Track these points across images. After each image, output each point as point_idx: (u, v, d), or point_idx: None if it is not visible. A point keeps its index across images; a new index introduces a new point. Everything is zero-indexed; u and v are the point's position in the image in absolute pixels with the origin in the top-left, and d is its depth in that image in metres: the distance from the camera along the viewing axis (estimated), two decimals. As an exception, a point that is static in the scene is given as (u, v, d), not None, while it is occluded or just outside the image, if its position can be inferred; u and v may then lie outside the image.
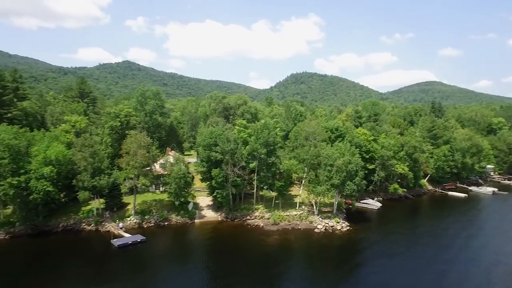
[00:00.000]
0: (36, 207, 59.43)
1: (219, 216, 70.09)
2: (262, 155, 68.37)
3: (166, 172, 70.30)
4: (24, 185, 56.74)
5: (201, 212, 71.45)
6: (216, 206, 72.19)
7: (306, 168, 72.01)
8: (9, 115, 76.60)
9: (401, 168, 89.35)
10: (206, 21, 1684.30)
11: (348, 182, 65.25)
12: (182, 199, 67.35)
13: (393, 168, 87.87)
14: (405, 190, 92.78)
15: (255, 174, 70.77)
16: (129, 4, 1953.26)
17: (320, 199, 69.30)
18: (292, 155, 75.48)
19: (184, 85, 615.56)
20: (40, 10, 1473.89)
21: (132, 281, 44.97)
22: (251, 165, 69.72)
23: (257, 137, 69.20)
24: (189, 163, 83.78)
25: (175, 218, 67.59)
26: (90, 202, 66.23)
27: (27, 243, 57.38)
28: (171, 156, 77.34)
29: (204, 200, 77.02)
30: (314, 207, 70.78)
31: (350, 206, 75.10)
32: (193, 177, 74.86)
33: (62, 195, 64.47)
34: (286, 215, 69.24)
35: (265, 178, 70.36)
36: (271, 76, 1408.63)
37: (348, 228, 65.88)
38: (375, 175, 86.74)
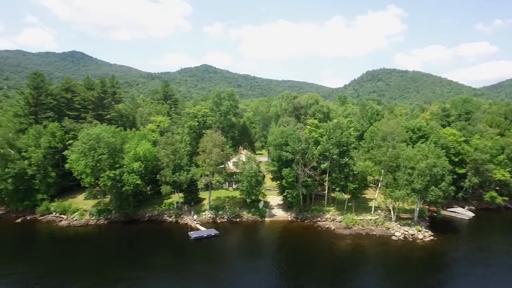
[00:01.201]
0: (127, 197, 67.41)
1: (289, 216, 69.88)
2: (334, 156, 66.01)
3: (238, 170, 72.74)
4: (118, 177, 64.71)
5: (272, 211, 72.16)
6: (286, 206, 72.15)
7: (383, 170, 67.24)
8: (108, 116, 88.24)
9: (501, 174, 77.14)
10: (279, 22, 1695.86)
11: (432, 187, 58.80)
12: (253, 197, 68.96)
13: (489, 174, 76.36)
14: (506, 199, 79.89)
15: (327, 175, 68.69)
16: (208, 11, 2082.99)
17: (399, 204, 63.96)
18: (367, 156, 71.21)
19: (257, 85, 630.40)
20: (133, 24, 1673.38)
21: (206, 270, 47.74)
22: (323, 166, 67.86)
23: (329, 137, 67.05)
24: (260, 162, 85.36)
25: (246, 215, 69.56)
26: (171, 196, 72.20)
27: (121, 228, 65.38)
28: (243, 155, 79.76)
29: (274, 199, 77.67)
30: (392, 212, 65.64)
31: (435, 214, 67.70)
32: (264, 176, 76.02)
33: (148, 188, 71.86)
34: (360, 219, 65.64)
35: (337, 179, 67.78)
36: (345, 74, 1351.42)
37: (431, 238, 59.42)
38: (466, 180, 76.55)
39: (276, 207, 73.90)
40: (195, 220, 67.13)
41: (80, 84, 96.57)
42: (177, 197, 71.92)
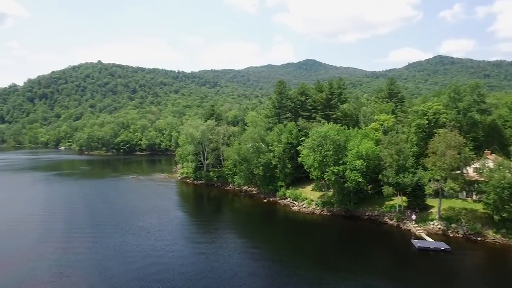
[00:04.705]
0: (349, 194, 70.16)
1: None
2: None
3: (482, 179, 59.15)
4: (341, 173, 68.36)
5: (535, 238, 53.69)
6: None
7: None
8: (333, 116, 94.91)
9: None
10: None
11: None
12: (505, 215, 53.87)
13: None
14: None
15: None
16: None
17: None
18: None
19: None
20: (359, 25, 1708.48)
21: (432, 289, 42.06)
22: None
23: None
24: (517, 171, 65.31)
25: (492, 236, 55.45)
26: (393, 198, 68.51)
27: (341, 222, 68.98)
28: (491, 160, 64.01)
29: (540, 223, 57.32)
30: None
31: None
32: (523, 190, 57.78)
33: (369, 187, 71.69)
34: None
35: None
36: None
37: None
38: None
39: (543, 235, 54.34)
40: (412, 218, 61.06)
41: (312, 88, 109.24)
42: (399, 200, 67.45)
